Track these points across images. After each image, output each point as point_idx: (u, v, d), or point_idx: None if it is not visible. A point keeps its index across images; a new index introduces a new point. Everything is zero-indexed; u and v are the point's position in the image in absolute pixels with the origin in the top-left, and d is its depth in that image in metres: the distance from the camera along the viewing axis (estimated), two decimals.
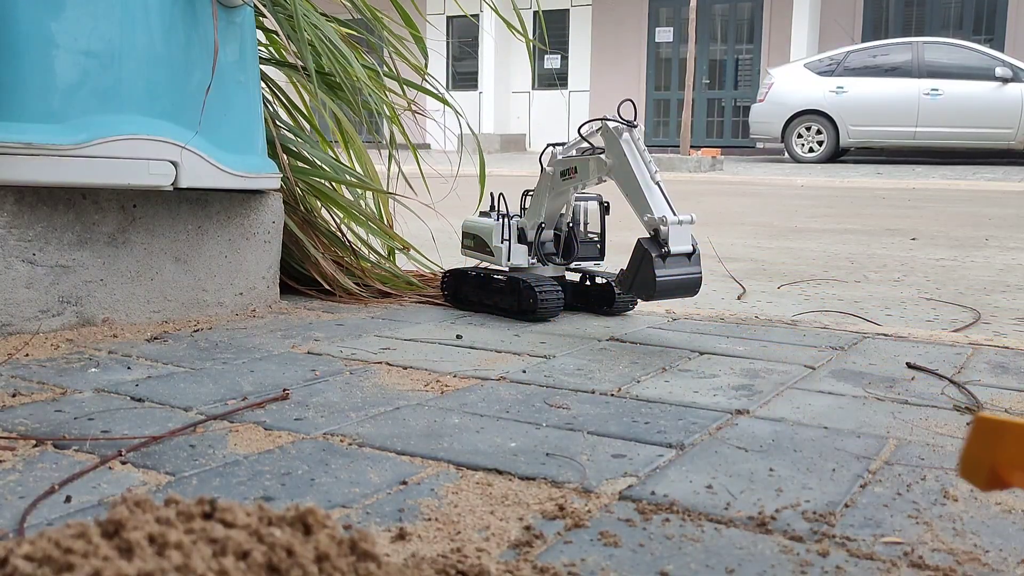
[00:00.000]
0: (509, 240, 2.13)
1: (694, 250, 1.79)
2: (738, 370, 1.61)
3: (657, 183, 1.81)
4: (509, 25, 2.53)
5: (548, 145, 2.05)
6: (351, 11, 2.40)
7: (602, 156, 1.88)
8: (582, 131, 1.93)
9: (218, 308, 2.04)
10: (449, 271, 2.26)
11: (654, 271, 1.74)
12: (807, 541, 0.89)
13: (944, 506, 0.99)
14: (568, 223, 2.13)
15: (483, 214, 2.24)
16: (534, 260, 2.14)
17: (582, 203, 2.15)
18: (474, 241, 2.23)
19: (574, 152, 2.00)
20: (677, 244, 1.76)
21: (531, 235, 2.13)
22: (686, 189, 8.48)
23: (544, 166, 2.05)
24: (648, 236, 1.79)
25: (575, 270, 2.17)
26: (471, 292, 2.20)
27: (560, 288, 2.06)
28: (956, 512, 0.98)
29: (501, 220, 2.14)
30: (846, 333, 1.97)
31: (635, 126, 1.84)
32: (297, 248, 2.31)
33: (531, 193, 2.15)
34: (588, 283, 2.18)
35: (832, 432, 1.26)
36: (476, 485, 1.03)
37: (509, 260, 2.13)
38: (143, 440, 1.16)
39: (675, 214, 1.77)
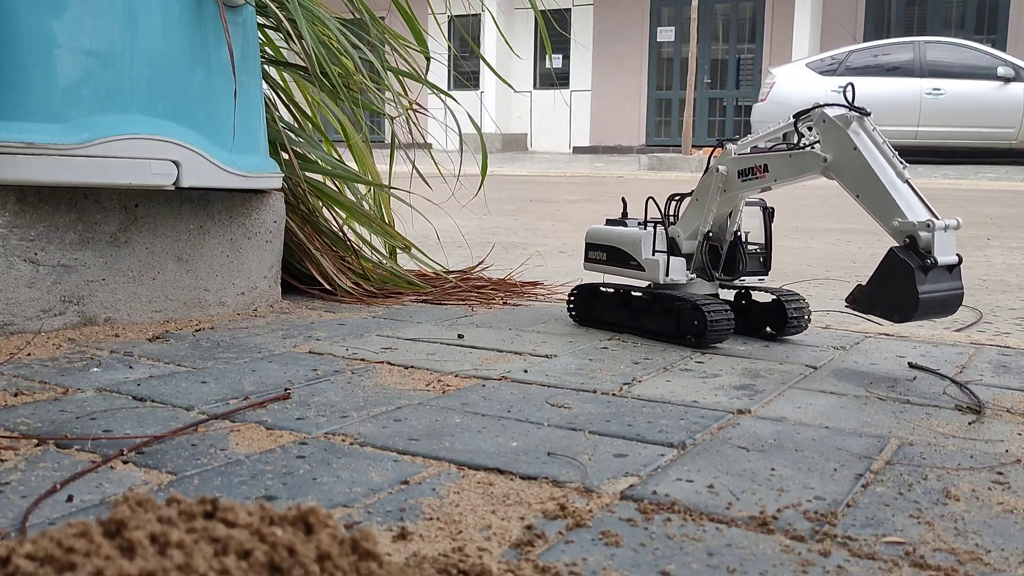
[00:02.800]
0: (667, 252, 1.83)
1: (960, 260, 1.53)
2: (739, 369, 1.61)
3: (907, 181, 1.55)
4: (510, 47, 2.52)
5: (719, 141, 1.78)
6: (352, 11, 2.40)
7: (815, 150, 1.62)
8: (799, 123, 1.67)
9: (220, 307, 2.04)
10: (577, 288, 1.98)
11: (916, 287, 1.48)
12: (809, 541, 0.89)
13: (946, 506, 0.99)
14: (736, 231, 1.82)
15: (612, 222, 1.95)
16: (693, 275, 1.85)
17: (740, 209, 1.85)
18: (606, 253, 1.92)
19: (762, 146, 1.74)
20: (943, 254, 1.49)
21: (686, 246, 1.84)
22: (688, 188, 8.47)
23: (713, 165, 1.78)
24: (901, 244, 1.52)
25: (737, 287, 1.90)
26: (609, 312, 1.93)
27: (729, 309, 1.77)
28: (958, 512, 0.98)
29: (654, 229, 1.84)
30: (848, 333, 1.97)
31: (867, 113, 1.58)
32: (299, 247, 2.32)
33: (677, 197, 1.89)
34: (745, 301, 1.92)
35: (834, 432, 1.26)
36: (477, 485, 1.03)
37: (668, 276, 1.82)
38: (145, 439, 1.17)
39: (939, 218, 1.51)
